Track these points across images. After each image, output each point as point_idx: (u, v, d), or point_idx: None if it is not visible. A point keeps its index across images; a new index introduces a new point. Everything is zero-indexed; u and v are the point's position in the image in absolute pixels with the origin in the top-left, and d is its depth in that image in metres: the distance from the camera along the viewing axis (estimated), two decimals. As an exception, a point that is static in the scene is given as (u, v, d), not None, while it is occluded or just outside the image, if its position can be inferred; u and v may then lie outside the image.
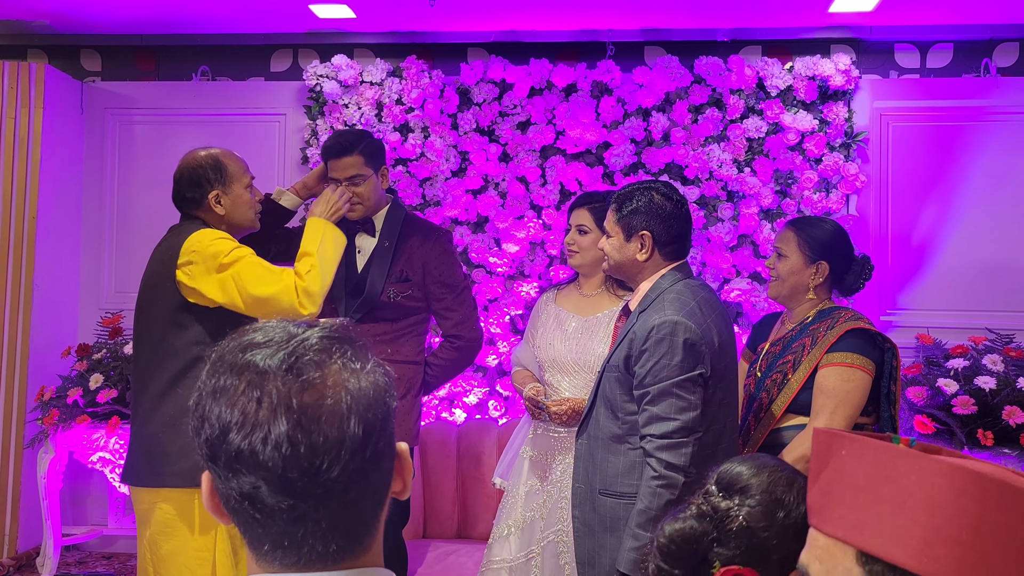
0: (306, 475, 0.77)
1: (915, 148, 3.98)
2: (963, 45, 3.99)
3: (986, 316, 3.83)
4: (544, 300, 2.91)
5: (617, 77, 3.99)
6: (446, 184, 4.05)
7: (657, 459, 2.02)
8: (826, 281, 2.50)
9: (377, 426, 0.81)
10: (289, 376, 0.79)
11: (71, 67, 4.35)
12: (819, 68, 3.90)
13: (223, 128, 4.24)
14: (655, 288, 2.18)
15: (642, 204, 2.19)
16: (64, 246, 4.24)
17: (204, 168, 2.46)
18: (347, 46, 4.18)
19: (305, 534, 0.79)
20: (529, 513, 2.68)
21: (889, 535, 0.67)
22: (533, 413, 2.67)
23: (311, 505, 0.78)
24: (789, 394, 2.42)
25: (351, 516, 0.81)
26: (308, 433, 0.77)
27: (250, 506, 0.79)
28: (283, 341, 0.82)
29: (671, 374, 2.04)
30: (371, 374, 0.83)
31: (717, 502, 1.23)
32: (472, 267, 4.06)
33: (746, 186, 3.92)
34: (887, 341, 2.45)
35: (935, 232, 3.96)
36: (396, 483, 0.87)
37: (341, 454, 0.78)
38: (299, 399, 0.78)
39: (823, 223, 2.58)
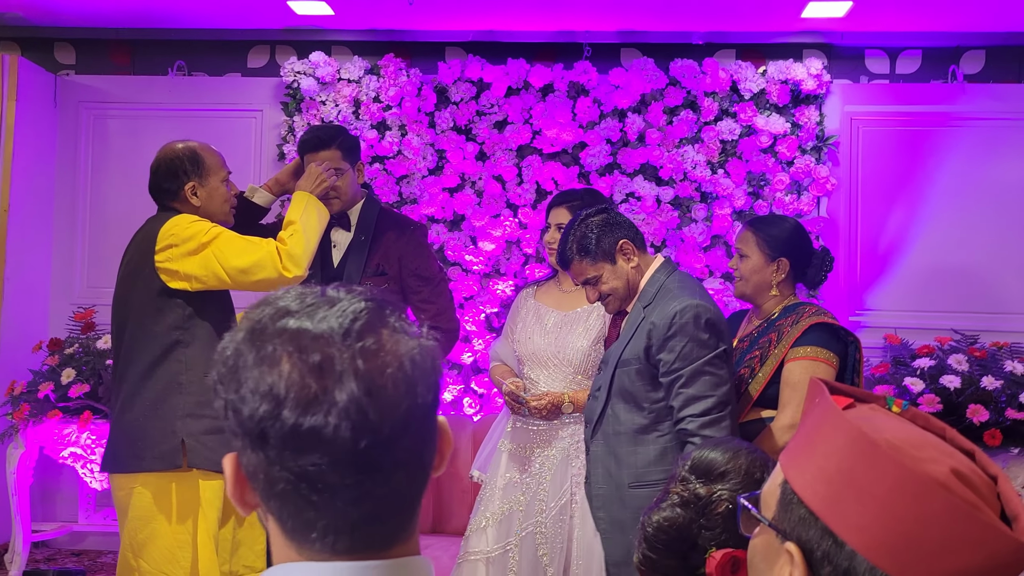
0: (377, 445, 0.70)
1: (884, 152, 4.06)
2: (931, 52, 4.07)
3: (952, 317, 3.91)
4: (524, 296, 2.94)
5: (593, 78, 4.03)
6: (423, 182, 4.07)
7: (701, 437, 2.09)
8: (788, 277, 2.56)
9: (436, 394, 0.75)
10: (348, 340, 0.72)
11: (45, 60, 4.32)
12: (791, 72, 3.96)
13: (199, 124, 4.22)
14: (652, 282, 2.29)
15: (599, 227, 2.31)
16: (36, 240, 4.20)
17: (181, 160, 2.48)
18: (325, 43, 4.18)
19: (362, 516, 0.72)
20: (507, 506, 2.70)
21: (797, 466, 0.79)
22: (513, 408, 2.70)
23: (377, 481, 0.72)
24: (757, 388, 2.47)
25: (410, 493, 0.75)
26: (378, 399, 0.70)
27: (308, 488, 0.71)
28: (326, 305, 0.74)
29: (701, 354, 2.15)
30: (423, 340, 0.76)
31: (697, 489, 1.26)
32: (448, 265, 4.08)
33: (719, 187, 3.97)
34: (850, 335, 2.51)
35: (903, 234, 4.04)
36: (437, 459, 0.80)
37: (411, 422, 0.72)
38: (365, 363, 0.71)
39: (780, 221, 2.66)
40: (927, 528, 0.70)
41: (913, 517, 0.70)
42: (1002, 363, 3.55)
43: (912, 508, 0.70)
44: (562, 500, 2.64)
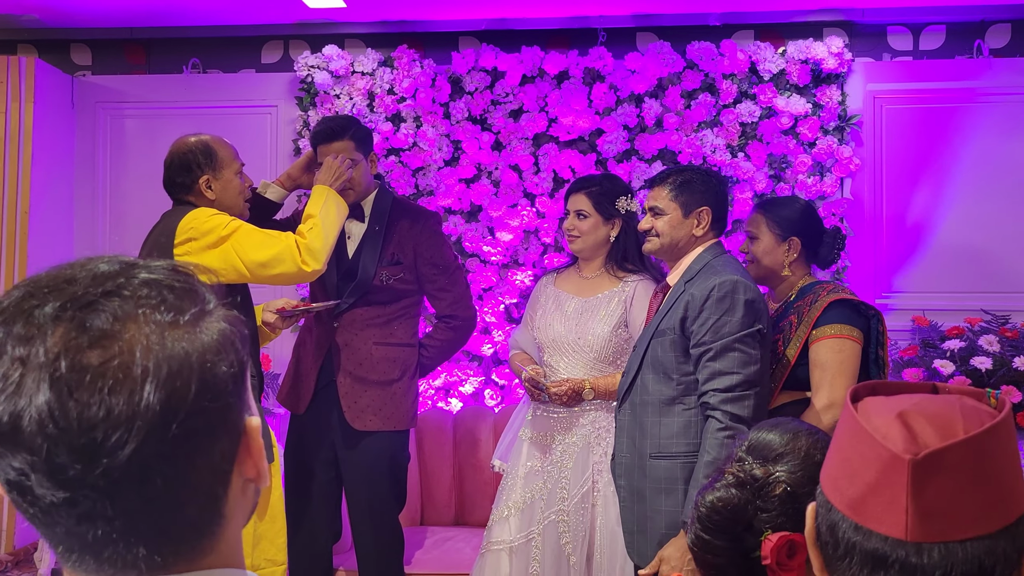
0: (80, 460, 0.59)
1: (908, 130, 3.97)
2: (955, 27, 3.98)
3: (982, 297, 3.82)
4: (543, 283, 2.92)
5: (609, 64, 3.98)
6: (439, 173, 4.04)
7: (722, 411, 2.11)
8: (800, 256, 2.54)
9: (192, 398, 0.62)
10: (65, 328, 0.60)
11: (61, 61, 4.34)
12: (812, 51, 3.89)
13: (214, 120, 4.22)
14: (699, 260, 2.31)
15: (699, 181, 2.33)
16: (57, 241, 4.23)
17: (194, 153, 2.48)
18: (338, 36, 4.16)
19: (98, 537, 0.61)
20: (528, 494, 2.68)
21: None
22: (532, 394, 2.68)
23: (94, 500, 0.60)
24: (783, 372, 2.44)
25: (163, 514, 0.62)
26: (83, 405, 0.59)
27: (20, 498, 0.61)
28: (82, 281, 0.63)
29: (733, 330, 2.15)
30: (195, 329, 0.63)
31: (754, 470, 1.22)
32: (466, 256, 4.05)
33: (740, 171, 3.91)
34: (871, 308, 2.49)
35: (929, 214, 3.96)
36: (247, 468, 0.68)
37: (129, 435, 0.59)
38: (75, 359, 0.59)
39: (789, 201, 2.65)
40: (851, 457, 0.82)
41: (849, 452, 0.82)
42: (1035, 343, 3.47)
43: (852, 447, 0.82)
44: (584, 487, 2.61)
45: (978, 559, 0.77)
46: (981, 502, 0.77)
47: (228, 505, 0.67)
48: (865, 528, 0.79)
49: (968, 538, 0.77)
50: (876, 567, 0.78)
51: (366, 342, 2.83)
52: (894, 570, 0.78)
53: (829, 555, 0.83)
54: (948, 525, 0.77)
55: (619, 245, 2.76)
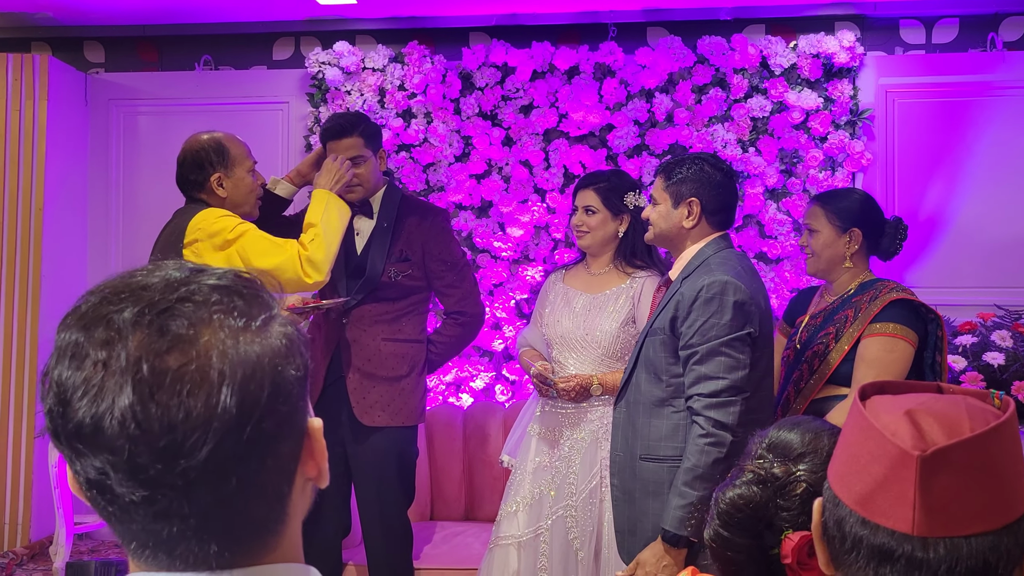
0: (160, 460, 0.61)
1: (921, 125, 3.95)
2: (969, 20, 3.95)
3: (994, 292, 3.80)
4: (552, 280, 2.92)
5: (620, 59, 3.97)
6: (449, 169, 4.04)
7: (705, 417, 2.03)
8: (862, 248, 2.49)
9: (264, 401, 0.64)
10: (146, 332, 0.63)
11: (74, 59, 4.36)
12: (823, 45, 3.87)
13: (226, 117, 4.23)
14: (699, 255, 2.21)
15: (692, 172, 2.21)
16: (71, 237, 4.26)
17: (207, 151, 2.50)
18: (349, 33, 4.17)
19: (172, 534, 0.64)
20: (537, 489, 2.69)
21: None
22: (541, 390, 2.69)
23: (172, 498, 0.63)
24: (830, 365, 2.41)
25: (234, 512, 0.65)
26: (163, 407, 0.61)
27: (100, 496, 0.64)
28: (156, 287, 0.65)
29: (720, 333, 2.06)
30: (264, 334, 0.66)
31: (774, 468, 1.21)
32: (476, 252, 4.06)
33: (751, 166, 3.90)
34: (931, 312, 2.43)
35: (942, 209, 3.93)
36: (309, 467, 0.71)
37: (208, 435, 0.62)
38: (155, 362, 0.62)
39: (849, 192, 2.62)
40: (859, 453, 0.83)
41: (857, 449, 0.84)
42: (1048, 338, 3.44)
43: (860, 443, 0.83)
44: (592, 483, 2.62)
45: (983, 554, 0.78)
46: (986, 499, 0.79)
47: (292, 504, 0.69)
48: (872, 523, 0.81)
49: (973, 534, 0.78)
50: (883, 561, 0.80)
51: (375, 338, 2.84)
52: (900, 564, 0.79)
53: (836, 549, 0.84)
54: (954, 521, 0.78)
55: (627, 241, 2.76)
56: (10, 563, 3.84)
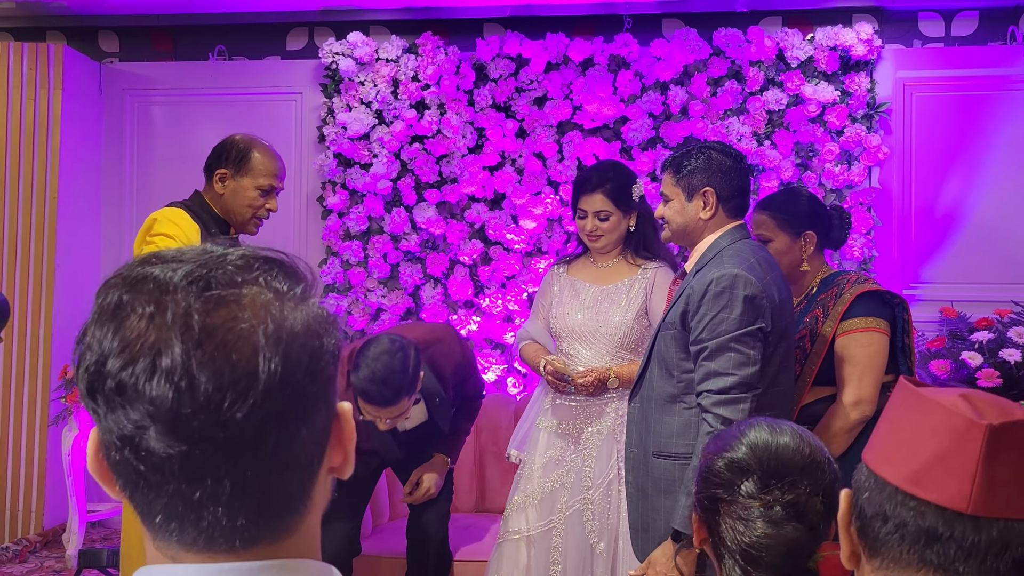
0: (204, 412, 0.61)
1: (939, 118, 3.91)
2: (988, 12, 3.90)
3: (1012, 289, 3.76)
4: (555, 272, 2.87)
5: (634, 50, 3.94)
6: (463, 161, 4.03)
7: (714, 415, 1.98)
8: (816, 247, 2.48)
9: (304, 365, 0.65)
10: (193, 289, 0.64)
11: (89, 48, 4.37)
12: (840, 38, 3.83)
13: (240, 108, 4.25)
14: (713, 247, 2.14)
15: (702, 162, 2.15)
16: (85, 227, 4.27)
17: (229, 147, 2.49)
18: (363, 23, 4.16)
19: (204, 497, 0.63)
20: (548, 484, 2.66)
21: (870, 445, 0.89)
22: (557, 387, 2.64)
23: (211, 454, 0.62)
24: (812, 368, 2.41)
25: (267, 479, 0.65)
26: (210, 360, 0.62)
27: (133, 454, 0.63)
28: (195, 256, 0.67)
29: (730, 328, 1.99)
30: (304, 303, 0.67)
31: (788, 496, 1.17)
32: (489, 244, 4.05)
33: (766, 159, 3.87)
34: (896, 297, 2.44)
35: (959, 204, 3.90)
36: (336, 454, 0.70)
37: (250, 392, 0.62)
38: (203, 317, 0.63)
39: (794, 196, 2.57)
40: (913, 431, 0.82)
41: (911, 427, 0.82)
42: (1066, 335, 3.40)
43: (916, 421, 0.82)
44: (609, 475, 2.60)
45: None
46: None
47: (316, 487, 0.69)
48: (922, 503, 0.79)
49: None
50: (929, 542, 0.78)
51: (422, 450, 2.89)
52: (949, 545, 0.77)
53: (874, 535, 0.82)
54: (1011, 501, 0.77)
55: (638, 232, 2.73)
56: (24, 550, 3.87)
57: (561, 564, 2.59)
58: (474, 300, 4.05)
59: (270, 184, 2.51)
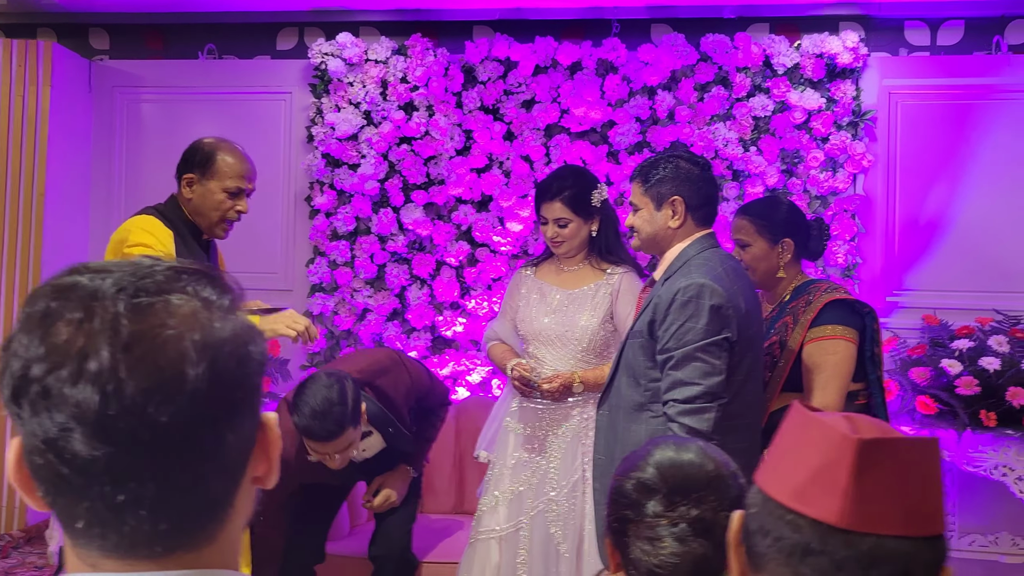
0: (129, 414, 0.62)
1: (924, 127, 3.93)
2: (974, 22, 3.92)
3: (994, 297, 3.78)
4: (523, 275, 2.90)
5: (622, 55, 3.96)
6: (450, 163, 4.04)
7: (679, 424, 1.99)
8: (793, 255, 2.52)
9: (231, 372, 0.66)
10: (122, 297, 0.65)
11: (79, 46, 4.37)
12: (826, 45, 3.85)
13: (230, 107, 4.26)
14: (681, 256, 2.16)
15: (669, 171, 2.17)
16: (73, 225, 4.28)
17: (195, 151, 2.52)
18: (353, 24, 4.17)
19: (128, 500, 0.63)
20: (517, 485, 2.70)
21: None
22: (523, 391, 2.67)
23: (136, 457, 0.63)
24: (781, 375, 2.44)
25: (191, 484, 0.65)
26: (137, 364, 0.63)
27: (56, 458, 0.63)
28: (125, 266, 0.68)
29: (696, 337, 2.00)
30: (232, 313, 0.69)
31: (695, 512, 1.18)
32: (476, 246, 4.06)
33: (752, 165, 3.89)
34: (865, 306, 2.48)
35: (944, 212, 3.92)
36: (260, 464, 0.71)
37: (176, 396, 0.63)
38: (131, 324, 0.64)
39: (775, 203, 2.60)
40: (798, 446, 0.84)
41: (795, 444, 0.84)
42: (1046, 344, 3.43)
43: (800, 437, 0.84)
44: (574, 476, 2.62)
45: (903, 559, 0.78)
46: (913, 503, 0.79)
47: (239, 496, 0.70)
48: (800, 518, 0.80)
49: (897, 535, 0.78)
50: (804, 557, 0.79)
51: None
52: (821, 560, 0.79)
53: (757, 551, 0.83)
54: (881, 517, 0.78)
55: (601, 237, 2.76)
56: (6, 546, 3.88)
57: (527, 564, 2.61)
58: (460, 302, 4.06)
59: (237, 186, 2.50)
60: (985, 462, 3.35)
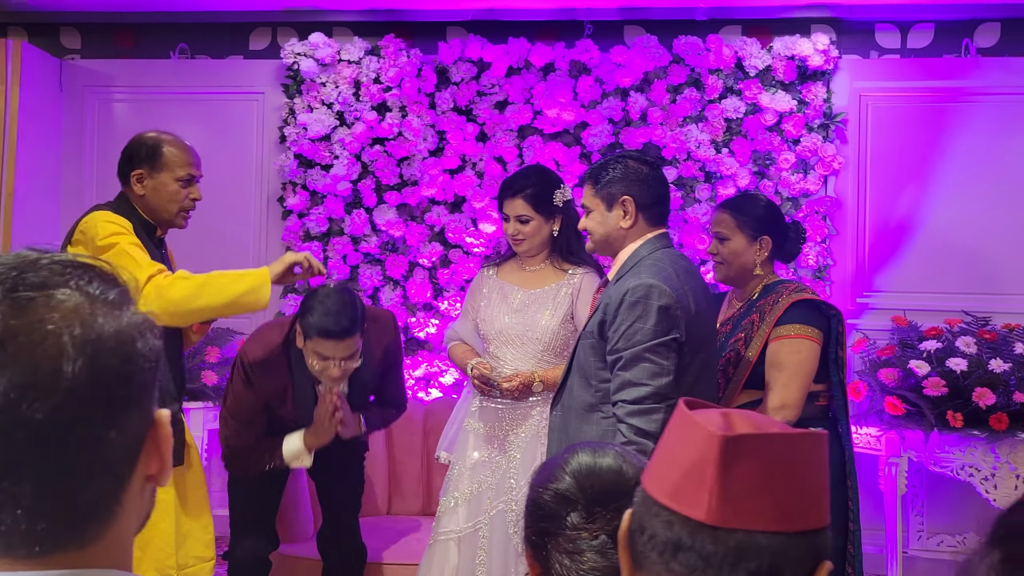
0: (3, 410, 0.62)
1: (895, 129, 3.95)
2: (944, 25, 3.95)
3: (964, 298, 3.81)
4: (485, 274, 2.91)
5: (595, 56, 3.97)
6: (423, 164, 4.04)
7: (628, 425, 2.00)
8: (770, 253, 2.54)
9: (114, 369, 0.66)
10: (3, 290, 0.65)
11: (50, 45, 4.34)
12: (798, 48, 3.87)
13: (202, 107, 4.24)
14: (633, 256, 2.16)
15: (619, 171, 2.17)
16: (43, 224, 4.24)
17: (140, 147, 2.50)
18: (326, 24, 4.16)
19: (4, 499, 0.63)
20: (476, 485, 2.70)
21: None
22: (482, 390, 2.69)
23: (11, 454, 0.62)
24: (744, 371, 2.46)
25: (70, 483, 0.64)
26: (12, 360, 0.62)
27: None
28: (9, 260, 0.68)
29: (644, 338, 2.01)
30: (119, 309, 0.68)
31: (610, 524, 1.15)
32: (449, 247, 4.06)
33: (724, 167, 3.90)
34: (831, 308, 2.50)
35: (914, 214, 3.94)
36: (152, 462, 0.70)
37: (52, 393, 0.63)
38: (8, 318, 0.64)
39: (755, 199, 2.64)
40: (674, 446, 0.84)
41: (673, 443, 0.85)
42: (1012, 345, 3.45)
43: (676, 437, 0.85)
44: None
45: (771, 555, 0.78)
46: (781, 499, 0.79)
47: (128, 495, 0.68)
48: (672, 514, 0.81)
49: (765, 531, 0.78)
50: (676, 553, 0.80)
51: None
52: (691, 555, 0.79)
53: (638, 550, 0.83)
54: (747, 513, 0.78)
55: (562, 237, 2.76)
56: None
57: (486, 564, 2.61)
58: (433, 303, 4.06)
59: (188, 174, 2.50)
60: (952, 463, 3.37)
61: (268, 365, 2.61)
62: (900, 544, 3.48)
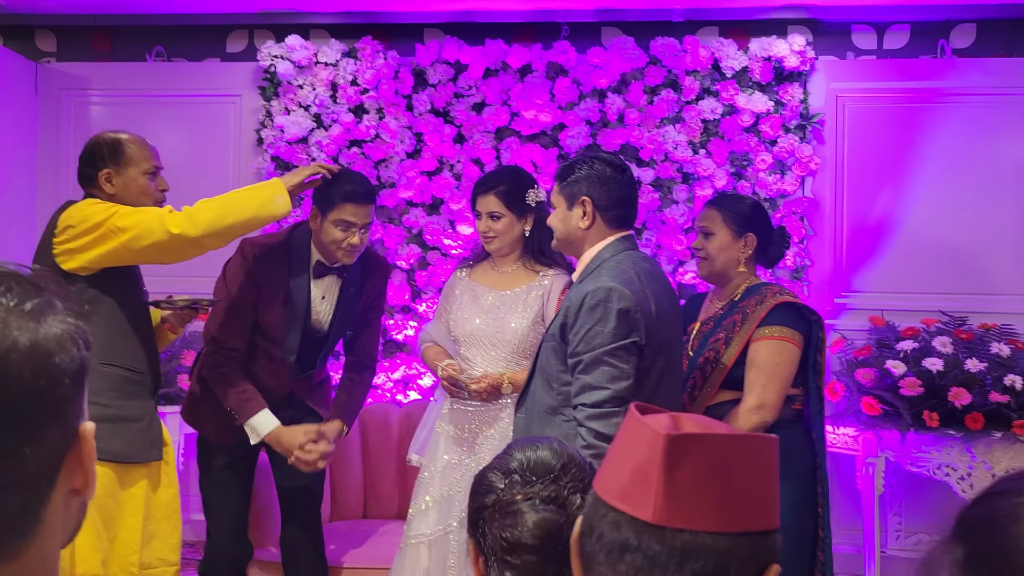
0: None
1: (872, 130, 3.96)
2: (920, 26, 3.96)
3: (941, 298, 3.81)
4: (457, 276, 2.90)
5: (572, 58, 3.96)
6: (400, 166, 4.03)
7: (587, 428, 1.99)
8: (753, 254, 2.54)
9: (26, 383, 0.63)
10: None
11: (26, 48, 4.32)
12: (774, 49, 3.87)
13: (179, 109, 4.22)
14: (596, 258, 2.15)
15: (583, 171, 2.17)
16: (19, 228, 4.21)
17: (101, 147, 2.50)
18: (303, 26, 4.14)
19: None
20: (446, 488, 2.68)
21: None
22: (451, 392, 2.68)
23: None
24: (722, 371, 2.45)
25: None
26: None
27: None
28: None
29: (604, 341, 2.00)
30: (36, 319, 0.65)
31: (544, 491, 1.22)
32: (427, 249, 4.05)
33: (701, 168, 3.90)
34: (813, 314, 2.51)
35: (890, 214, 3.95)
36: (76, 476, 0.68)
37: None
38: None
39: (742, 198, 2.67)
40: (624, 448, 0.84)
41: (622, 446, 0.85)
42: (988, 345, 3.46)
43: (626, 440, 0.85)
44: None
45: (716, 556, 0.78)
46: (727, 500, 0.79)
47: (49, 510, 0.66)
48: (620, 515, 0.80)
49: (710, 531, 0.78)
50: (622, 554, 0.80)
51: (321, 397, 2.85)
52: (636, 556, 0.79)
53: (587, 553, 0.83)
54: (692, 512, 0.78)
55: (534, 238, 2.75)
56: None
57: (456, 567, 2.59)
58: (411, 305, 4.04)
59: (153, 166, 2.54)
60: (928, 462, 3.37)
61: (268, 256, 2.69)
62: (878, 544, 3.49)
